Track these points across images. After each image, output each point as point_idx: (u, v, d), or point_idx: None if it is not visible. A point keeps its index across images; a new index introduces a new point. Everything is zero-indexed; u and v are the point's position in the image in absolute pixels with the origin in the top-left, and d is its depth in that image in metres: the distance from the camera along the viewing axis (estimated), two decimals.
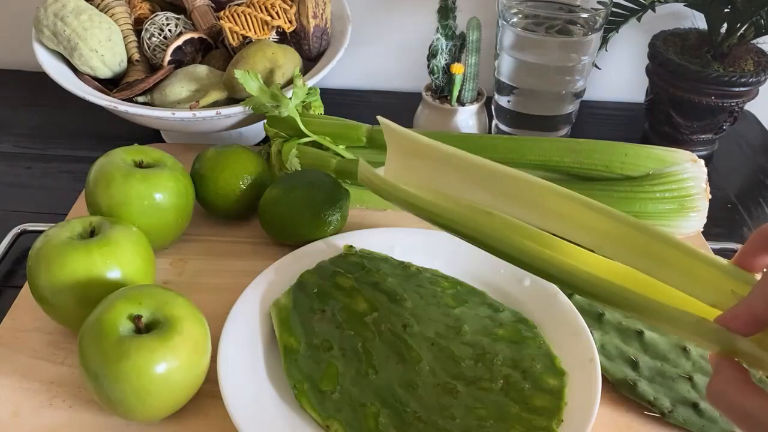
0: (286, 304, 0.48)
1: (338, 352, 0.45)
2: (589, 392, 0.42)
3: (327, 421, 0.41)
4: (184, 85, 0.66)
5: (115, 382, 0.39)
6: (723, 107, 0.71)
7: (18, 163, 0.72)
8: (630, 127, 0.83)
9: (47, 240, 0.46)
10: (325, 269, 0.51)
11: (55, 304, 0.46)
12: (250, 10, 0.67)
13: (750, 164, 0.78)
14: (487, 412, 0.42)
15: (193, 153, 0.62)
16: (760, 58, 0.72)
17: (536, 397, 0.43)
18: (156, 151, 0.55)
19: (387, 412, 0.41)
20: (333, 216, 0.56)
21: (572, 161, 0.57)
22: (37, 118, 0.80)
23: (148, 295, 0.42)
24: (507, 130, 0.76)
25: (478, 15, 0.67)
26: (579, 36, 0.68)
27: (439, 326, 0.48)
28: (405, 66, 0.86)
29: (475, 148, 0.59)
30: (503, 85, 0.73)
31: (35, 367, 0.47)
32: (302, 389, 0.43)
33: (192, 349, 0.41)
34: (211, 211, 0.60)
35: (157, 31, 0.68)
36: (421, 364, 0.45)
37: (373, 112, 0.83)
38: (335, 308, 0.48)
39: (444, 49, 0.67)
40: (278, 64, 0.65)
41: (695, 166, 0.55)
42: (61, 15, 0.65)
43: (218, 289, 0.52)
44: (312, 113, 0.66)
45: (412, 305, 0.49)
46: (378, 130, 0.62)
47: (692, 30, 0.76)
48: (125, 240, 0.47)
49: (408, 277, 0.52)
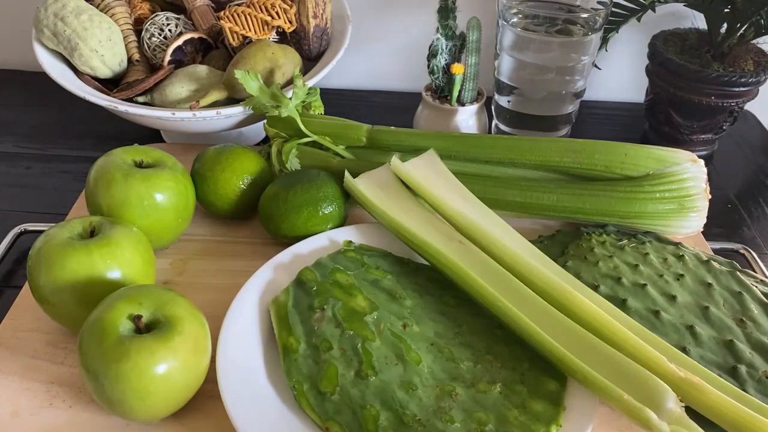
0: (285, 301, 0.48)
1: (338, 352, 0.45)
2: (588, 397, 0.42)
3: (326, 422, 0.41)
4: (184, 85, 0.66)
5: (115, 382, 0.39)
6: (723, 107, 0.71)
7: (18, 163, 0.72)
8: (630, 127, 0.83)
9: (47, 240, 0.46)
10: (324, 266, 0.51)
11: (55, 304, 0.46)
12: (250, 10, 0.67)
13: (750, 164, 0.78)
14: (486, 415, 0.42)
15: (193, 153, 0.62)
16: (760, 58, 0.72)
17: (535, 401, 0.43)
18: (156, 151, 0.55)
19: (387, 414, 0.41)
20: (332, 214, 0.56)
21: (572, 161, 0.57)
22: (37, 118, 0.80)
23: (148, 295, 0.42)
24: (507, 130, 0.76)
25: (478, 15, 0.67)
26: (579, 36, 0.68)
27: (439, 326, 0.48)
28: (405, 66, 0.86)
29: (475, 148, 0.59)
30: (503, 85, 0.73)
31: (35, 367, 0.47)
32: (301, 390, 0.43)
33: (192, 349, 0.41)
34: (211, 211, 0.60)
35: (157, 31, 0.68)
36: (420, 365, 0.45)
37: (373, 112, 0.84)
38: (335, 307, 0.48)
39: (444, 49, 0.67)
40: (278, 64, 0.65)
41: (695, 166, 0.55)
42: (62, 15, 0.65)
43: (218, 289, 0.53)
44: (312, 113, 0.66)
45: (412, 304, 0.49)
46: (378, 130, 0.62)
47: (692, 30, 0.76)
48: (125, 240, 0.47)
49: (408, 274, 0.52)
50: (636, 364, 0.41)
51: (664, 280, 0.50)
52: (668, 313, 0.47)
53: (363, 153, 0.63)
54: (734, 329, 0.46)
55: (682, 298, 0.48)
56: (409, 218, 0.53)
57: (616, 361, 0.41)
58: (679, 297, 0.48)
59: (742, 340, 0.45)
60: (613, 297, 0.48)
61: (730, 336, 0.45)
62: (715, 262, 0.52)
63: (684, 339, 0.45)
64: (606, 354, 0.42)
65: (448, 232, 0.51)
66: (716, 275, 0.51)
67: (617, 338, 0.43)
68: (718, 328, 0.46)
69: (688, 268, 0.51)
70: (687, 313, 0.47)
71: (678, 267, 0.51)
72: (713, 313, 0.47)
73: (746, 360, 0.44)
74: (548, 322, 0.44)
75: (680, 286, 0.49)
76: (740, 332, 0.46)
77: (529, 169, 0.59)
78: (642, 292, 0.49)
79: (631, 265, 0.51)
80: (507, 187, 0.58)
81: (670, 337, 0.46)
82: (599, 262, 0.51)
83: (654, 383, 0.39)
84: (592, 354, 0.42)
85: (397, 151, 0.61)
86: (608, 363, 0.41)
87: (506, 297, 0.45)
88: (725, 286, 0.50)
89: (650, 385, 0.39)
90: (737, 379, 0.43)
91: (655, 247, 0.54)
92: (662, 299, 0.48)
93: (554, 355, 0.43)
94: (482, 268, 0.48)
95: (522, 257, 0.48)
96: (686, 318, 0.47)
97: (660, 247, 0.54)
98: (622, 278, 0.50)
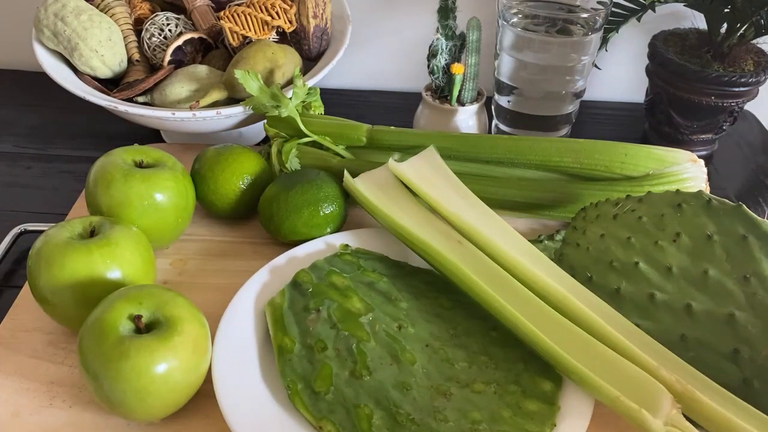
0: (281, 303, 0.48)
1: (332, 352, 0.45)
2: (584, 398, 0.42)
3: (320, 422, 0.41)
4: (184, 85, 0.66)
5: (115, 382, 0.39)
6: (723, 107, 0.71)
7: (18, 163, 0.72)
8: (630, 127, 0.83)
9: (47, 240, 0.46)
10: (320, 268, 0.51)
11: (55, 304, 0.46)
12: (250, 10, 0.67)
13: (750, 164, 0.78)
14: (480, 415, 0.41)
15: (193, 153, 0.62)
16: (760, 58, 0.72)
17: (529, 401, 0.43)
18: (156, 151, 0.55)
19: (380, 413, 0.41)
20: (332, 214, 0.56)
21: (572, 161, 0.57)
22: (37, 118, 0.80)
23: (148, 295, 0.42)
24: (507, 130, 0.76)
25: (478, 15, 0.67)
26: (579, 36, 0.68)
27: (434, 327, 0.48)
28: (405, 66, 0.86)
29: (475, 148, 0.59)
30: (503, 85, 0.73)
31: (35, 367, 0.47)
32: (296, 389, 0.43)
33: (192, 349, 0.41)
34: (211, 211, 0.60)
35: (157, 31, 0.68)
36: (415, 366, 0.45)
37: (373, 112, 0.84)
38: (330, 308, 0.48)
39: (444, 49, 0.67)
40: (278, 64, 0.65)
41: (695, 166, 0.55)
42: (62, 15, 0.65)
43: (218, 289, 0.53)
44: (312, 113, 0.66)
45: (407, 306, 0.49)
46: (378, 130, 0.62)
47: (692, 30, 0.76)
48: (125, 240, 0.47)
49: (404, 277, 0.52)
50: (632, 365, 0.41)
51: (659, 247, 0.46)
52: (664, 291, 0.45)
53: (363, 153, 0.63)
54: (736, 294, 0.43)
55: (679, 266, 0.45)
56: (408, 218, 0.53)
57: (612, 361, 0.41)
58: (675, 266, 0.45)
59: (743, 307, 0.42)
60: (606, 287, 0.47)
61: (731, 307, 0.42)
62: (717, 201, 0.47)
63: (680, 323, 0.43)
64: (602, 354, 0.42)
65: (447, 231, 0.51)
66: (718, 219, 0.46)
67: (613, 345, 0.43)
68: (718, 298, 0.43)
69: (687, 219, 0.47)
70: (685, 285, 0.44)
71: (675, 223, 0.47)
72: (712, 277, 0.43)
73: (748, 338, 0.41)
74: (545, 322, 0.44)
75: (677, 250, 0.46)
76: (743, 297, 0.42)
77: (529, 169, 0.59)
78: (635, 272, 0.46)
79: (623, 240, 0.48)
80: (507, 187, 0.58)
81: (665, 323, 0.44)
82: (589, 247, 0.50)
83: (650, 384, 0.39)
84: (588, 354, 0.42)
85: (397, 151, 0.61)
86: (604, 363, 0.41)
87: (503, 297, 0.45)
88: (728, 231, 0.45)
89: (646, 385, 0.39)
90: (739, 364, 0.41)
91: (652, 201, 0.50)
92: (656, 276, 0.45)
93: (550, 355, 0.43)
94: (480, 268, 0.48)
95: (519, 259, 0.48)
96: (684, 293, 0.44)
97: (657, 199, 0.50)
98: (614, 261, 0.47)
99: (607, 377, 0.40)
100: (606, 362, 0.41)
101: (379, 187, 0.56)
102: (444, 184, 0.55)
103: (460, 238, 0.51)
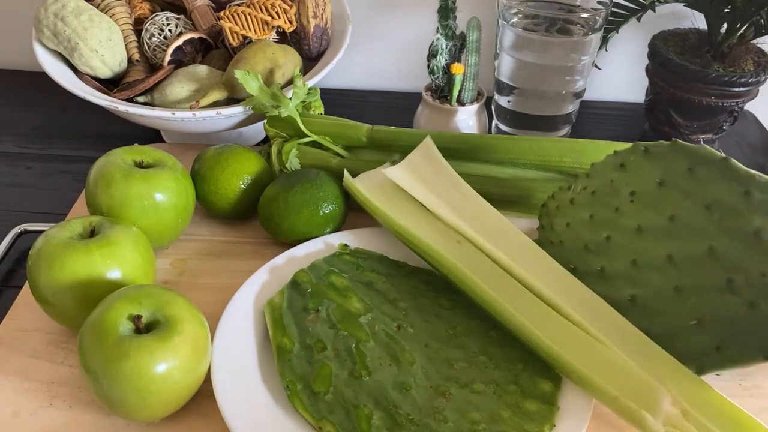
0: (280, 303, 0.48)
1: (332, 352, 0.45)
2: (583, 398, 0.42)
3: (319, 422, 0.41)
4: (184, 85, 0.66)
5: (115, 382, 0.39)
6: (723, 107, 0.71)
7: (18, 163, 0.72)
8: (630, 127, 0.83)
9: (47, 240, 0.46)
10: (319, 268, 0.51)
11: (55, 304, 0.46)
12: (250, 10, 0.67)
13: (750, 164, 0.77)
14: (479, 415, 0.41)
15: (193, 153, 0.62)
16: (760, 58, 0.72)
17: (529, 401, 0.43)
18: (156, 151, 0.55)
19: (380, 414, 0.41)
20: (331, 214, 0.56)
21: (572, 161, 0.57)
22: (37, 118, 0.80)
23: (148, 295, 0.42)
24: (507, 130, 0.76)
25: (478, 15, 0.67)
26: (579, 36, 0.68)
27: (433, 327, 0.48)
28: (405, 66, 0.86)
29: (474, 148, 0.59)
30: (503, 85, 0.73)
31: (35, 367, 0.47)
32: (295, 390, 0.43)
33: (192, 349, 0.41)
34: (211, 211, 0.60)
35: (157, 31, 0.68)
36: (414, 366, 0.45)
37: (373, 112, 0.84)
38: (329, 308, 0.48)
39: (444, 49, 0.67)
40: (278, 64, 0.65)
41: None
42: (62, 15, 0.65)
43: (218, 289, 0.53)
44: (312, 113, 0.66)
45: (407, 306, 0.49)
46: (378, 130, 0.62)
47: (692, 30, 0.76)
48: (125, 240, 0.47)
49: (403, 277, 0.52)
50: (632, 364, 0.41)
51: (621, 212, 0.46)
52: (642, 254, 0.44)
53: (363, 153, 0.63)
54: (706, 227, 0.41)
55: (645, 223, 0.44)
56: (408, 218, 0.53)
57: (611, 361, 0.41)
58: (641, 225, 0.44)
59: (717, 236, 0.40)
60: (590, 271, 0.46)
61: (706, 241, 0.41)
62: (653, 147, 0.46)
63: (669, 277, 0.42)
64: (602, 354, 0.42)
65: (446, 231, 0.51)
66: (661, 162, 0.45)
67: None
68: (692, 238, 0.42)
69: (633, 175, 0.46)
70: (658, 239, 0.43)
71: (625, 184, 0.46)
72: (678, 220, 0.43)
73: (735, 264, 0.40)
74: (544, 321, 0.44)
75: (637, 208, 0.45)
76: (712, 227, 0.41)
77: (529, 169, 0.59)
78: (609, 246, 0.46)
79: (586, 220, 0.48)
80: (507, 187, 0.58)
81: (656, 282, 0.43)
82: (562, 240, 0.50)
83: (650, 384, 0.39)
84: (587, 354, 0.42)
85: (397, 151, 0.61)
86: (604, 363, 0.41)
87: (503, 297, 0.45)
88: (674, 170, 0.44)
89: (646, 385, 0.39)
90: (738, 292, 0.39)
91: (598, 171, 0.49)
92: (629, 241, 0.45)
93: (549, 355, 0.43)
94: (479, 267, 0.48)
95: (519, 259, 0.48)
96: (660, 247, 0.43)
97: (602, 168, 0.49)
98: (587, 244, 0.47)
99: (607, 377, 0.40)
100: (606, 362, 0.41)
101: (379, 186, 0.56)
102: (441, 181, 0.55)
103: (460, 238, 0.51)
